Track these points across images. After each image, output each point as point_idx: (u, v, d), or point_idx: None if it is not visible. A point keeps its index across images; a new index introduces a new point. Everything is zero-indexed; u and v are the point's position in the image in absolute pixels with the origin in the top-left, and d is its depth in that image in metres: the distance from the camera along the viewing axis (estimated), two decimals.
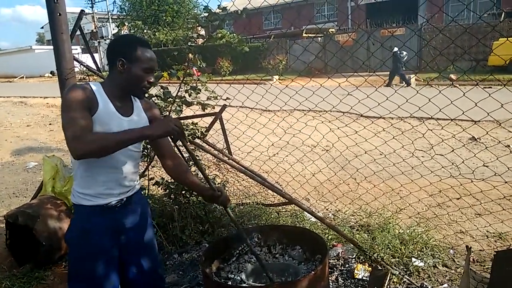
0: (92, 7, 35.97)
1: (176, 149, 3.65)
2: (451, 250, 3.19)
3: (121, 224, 1.83)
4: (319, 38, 21.82)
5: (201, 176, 2.26)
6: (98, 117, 1.66)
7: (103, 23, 37.52)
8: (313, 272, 1.73)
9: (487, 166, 4.45)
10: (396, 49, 15.11)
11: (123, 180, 1.79)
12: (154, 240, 2.04)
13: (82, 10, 3.51)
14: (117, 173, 1.76)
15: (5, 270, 3.38)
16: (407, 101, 2.75)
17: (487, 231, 3.43)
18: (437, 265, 2.99)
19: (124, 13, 32.54)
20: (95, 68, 3.67)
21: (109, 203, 1.76)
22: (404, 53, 15.01)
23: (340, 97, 3.25)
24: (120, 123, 1.73)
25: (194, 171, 3.59)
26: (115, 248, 1.82)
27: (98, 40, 31.43)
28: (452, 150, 3.23)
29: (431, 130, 3.49)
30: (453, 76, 13.62)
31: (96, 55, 2.18)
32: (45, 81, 28.72)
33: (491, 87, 9.10)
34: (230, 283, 1.93)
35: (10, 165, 7.38)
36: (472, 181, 3.23)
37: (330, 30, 22.78)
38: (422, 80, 14.06)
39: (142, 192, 3.59)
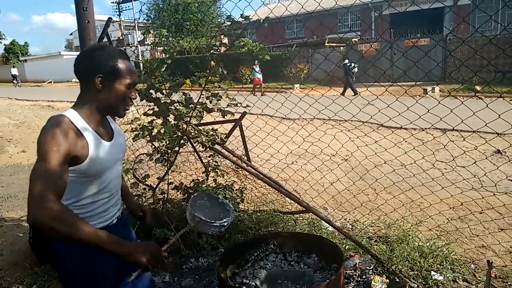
0: (119, 15, 36.98)
1: (196, 154, 3.71)
2: (472, 265, 3.11)
3: None
4: (342, 48, 21.74)
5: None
6: (92, 157, 1.50)
7: (130, 31, 38.43)
8: (327, 281, 1.72)
9: (511, 180, 4.33)
10: (346, 61, 16.55)
11: (117, 199, 1.74)
12: None
13: (109, 18, 3.62)
14: (113, 197, 1.70)
15: (27, 268, 3.48)
16: (428, 111, 2.72)
17: (511, 246, 3.33)
18: (457, 280, 2.92)
19: (150, 21, 33.35)
20: None
21: (108, 225, 1.68)
22: (353, 64, 16.37)
23: (360, 107, 3.24)
24: (106, 149, 1.58)
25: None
26: (115, 273, 1.71)
27: (124, 47, 32.20)
28: (474, 162, 3.16)
29: (453, 141, 3.43)
30: (478, 88, 13.34)
31: None
32: (72, 86, 29.56)
33: None
34: None
35: None
36: (494, 194, 3.16)
37: (352, 39, 22.68)
38: (447, 91, 13.82)
39: (162, 196, 3.68)
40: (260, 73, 18.87)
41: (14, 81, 34.46)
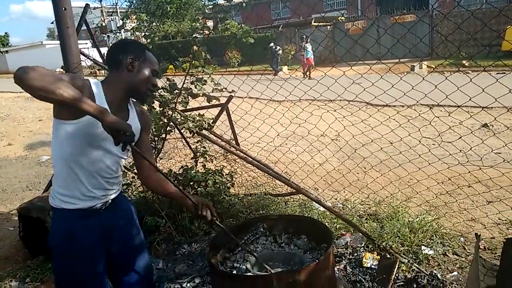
0: (100, 1, 36.01)
1: (183, 140, 3.68)
2: (462, 238, 3.17)
3: (107, 227, 1.76)
4: (328, 27, 21.55)
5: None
6: (91, 119, 1.51)
7: (112, 17, 37.53)
8: (317, 261, 1.73)
9: (499, 154, 4.38)
10: (272, 44, 18.66)
11: (107, 184, 1.73)
12: (143, 240, 1.97)
13: (87, 4, 3.52)
14: (102, 178, 1.70)
15: (19, 262, 3.47)
16: (413, 88, 2.71)
17: (499, 219, 3.39)
18: (447, 253, 2.97)
19: (133, 6, 32.59)
20: (102, 62, 3.69)
21: (93, 206, 1.70)
22: (278, 47, 18.68)
23: (346, 86, 3.23)
24: None
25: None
26: (103, 251, 1.76)
27: (107, 34, 31.51)
28: (460, 137, 3.18)
29: (438, 117, 3.44)
30: (465, 63, 13.37)
31: (105, 49, 2.19)
32: None
33: (504, 73, 8.90)
34: (235, 272, 1.94)
35: (23, 159, 7.51)
36: (480, 168, 3.19)
37: (339, 18, 22.48)
38: (434, 67, 13.85)
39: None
40: (312, 53, 16.39)
41: None
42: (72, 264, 1.68)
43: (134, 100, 1.86)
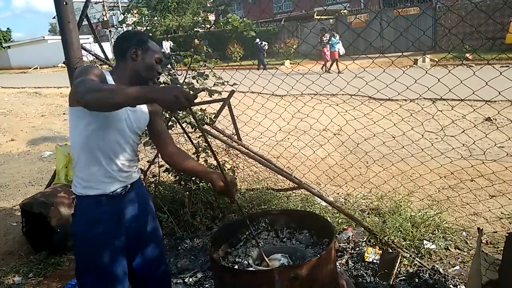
0: None
1: (185, 135, 3.67)
2: (464, 232, 3.16)
3: (126, 212, 1.85)
4: (331, 20, 21.43)
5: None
6: None
7: (114, 12, 37.44)
8: (319, 256, 1.73)
9: (502, 147, 4.36)
10: (258, 40, 19.33)
11: (124, 167, 1.81)
12: (159, 227, 2.06)
13: None
14: (119, 160, 1.78)
15: (22, 257, 3.49)
16: (415, 81, 2.69)
17: (501, 213, 3.38)
18: (449, 248, 2.97)
19: (134, 1, 32.44)
20: (103, 57, 3.68)
21: (115, 190, 1.78)
22: (264, 43, 19.37)
23: (348, 80, 3.21)
24: (125, 113, 1.77)
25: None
26: (123, 237, 1.83)
27: (109, 29, 31.43)
28: (463, 131, 3.16)
29: (441, 111, 3.42)
30: (469, 56, 13.28)
31: (107, 44, 2.18)
32: (59, 71, 28.99)
33: (508, 66, 8.83)
34: (237, 267, 1.94)
35: (26, 154, 7.53)
36: (483, 162, 3.17)
37: (342, 11, 22.34)
38: (437, 60, 13.76)
39: (154, 179, 3.66)
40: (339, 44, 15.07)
41: None
42: (96, 250, 1.75)
43: None
